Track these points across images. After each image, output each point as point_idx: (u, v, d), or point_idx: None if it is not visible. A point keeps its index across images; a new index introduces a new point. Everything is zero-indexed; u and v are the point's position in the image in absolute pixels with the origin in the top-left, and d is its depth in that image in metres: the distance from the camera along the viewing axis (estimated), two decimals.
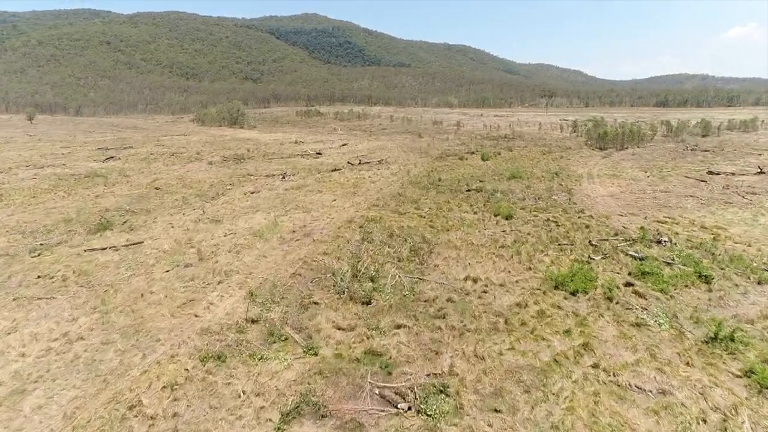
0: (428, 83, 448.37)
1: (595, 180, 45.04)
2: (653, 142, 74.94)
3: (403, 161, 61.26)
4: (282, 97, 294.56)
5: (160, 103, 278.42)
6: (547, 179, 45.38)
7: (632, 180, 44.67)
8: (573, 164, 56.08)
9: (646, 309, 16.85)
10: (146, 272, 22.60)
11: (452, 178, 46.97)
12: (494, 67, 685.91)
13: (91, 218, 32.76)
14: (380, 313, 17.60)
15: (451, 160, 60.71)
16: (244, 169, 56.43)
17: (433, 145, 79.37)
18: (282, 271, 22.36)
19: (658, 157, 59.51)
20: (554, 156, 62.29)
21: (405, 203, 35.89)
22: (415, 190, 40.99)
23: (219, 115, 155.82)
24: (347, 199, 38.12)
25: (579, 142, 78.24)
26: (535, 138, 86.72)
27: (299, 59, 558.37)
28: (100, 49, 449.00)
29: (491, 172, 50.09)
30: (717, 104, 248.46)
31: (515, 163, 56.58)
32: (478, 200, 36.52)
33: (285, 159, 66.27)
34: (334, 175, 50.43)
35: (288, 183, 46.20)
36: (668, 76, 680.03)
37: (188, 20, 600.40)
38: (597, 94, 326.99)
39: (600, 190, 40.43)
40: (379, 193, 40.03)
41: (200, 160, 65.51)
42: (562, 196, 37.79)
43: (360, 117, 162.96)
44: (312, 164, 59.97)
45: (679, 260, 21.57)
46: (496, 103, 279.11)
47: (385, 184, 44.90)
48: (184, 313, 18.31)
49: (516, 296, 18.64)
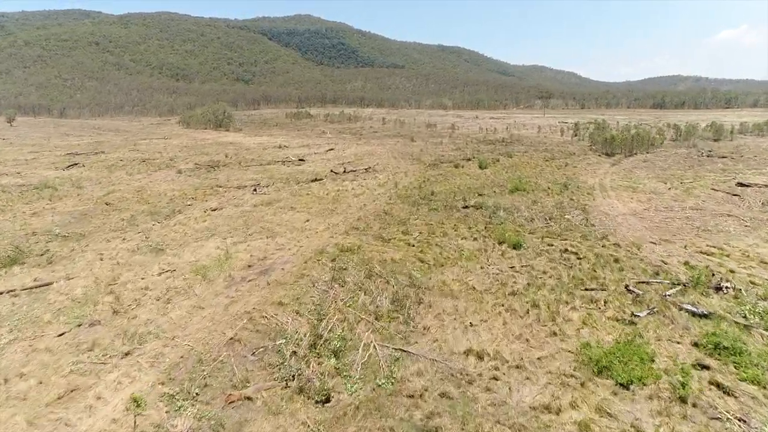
0: (422, 85, 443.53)
1: (610, 193, 39.39)
2: (663, 147, 69.52)
3: (393, 169, 55.46)
4: (272, 98, 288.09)
5: (148, 105, 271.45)
6: (555, 192, 39.67)
7: (653, 193, 39.03)
8: (581, 173, 50.50)
9: (744, 421, 11.03)
10: (32, 336, 16.58)
11: (447, 190, 41.18)
12: (488, 68, 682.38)
13: (6, 246, 26.66)
14: (341, 421, 11.71)
15: (445, 167, 54.98)
16: (215, 178, 50.40)
17: (426, 150, 73.65)
18: (218, 334, 16.43)
19: (673, 165, 54.04)
20: (558, 163, 56.70)
21: (391, 225, 30.00)
22: (403, 207, 35.13)
23: (204, 118, 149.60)
24: (323, 218, 32.18)
25: (583, 147, 72.78)
26: (535, 142, 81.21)
27: (291, 60, 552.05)
28: (88, 50, 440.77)
29: (490, 183, 44.36)
30: (714, 106, 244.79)
31: (517, 171, 50.92)
32: (477, 221, 30.68)
33: (264, 166, 60.29)
34: (313, 186, 44.48)
35: (259, 197, 40.19)
36: (662, 78, 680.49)
37: (179, 21, 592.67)
38: (593, 95, 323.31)
39: (619, 206, 34.76)
40: (362, 211, 34.14)
41: (171, 168, 59.39)
42: (577, 214, 32.06)
43: (351, 119, 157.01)
44: (292, 173, 54.04)
45: (755, 319, 15.85)
46: (490, 105, 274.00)
47: (369, 198, 39.01)
48: (52, 417, 12.32)
49: (540, 388, 12.80)
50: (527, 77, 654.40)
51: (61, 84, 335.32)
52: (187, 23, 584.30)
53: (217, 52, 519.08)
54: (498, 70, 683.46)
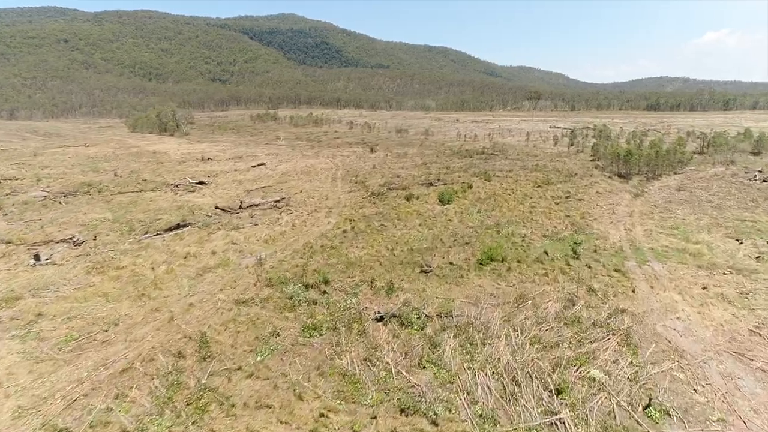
0: (406, 85, 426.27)
1: (658, 270, 21.99)
2: (692, 163, 52.28)
3: (315, 202, 37.76)
4: (243, 99, 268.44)
5: (108, 106, 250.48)
6: (558, 268, 22.16)
7: (732, 269, 21.69)
8: (592, 211, 33.22)
9: None
10: None
11: (369, 258, 23.57)
12: (475, 69, 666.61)
13: None
14: None
15: (391, 200, 37.38)
16: (39, 220, 32.26)
17: (383, 166, 56.07)
18: None
19: (724, 197, 36.94)
20: (556, 191, 39.37)
21: (206, 397, 12.28)
22: (263, 316, 17.42)
23: (149, 121, 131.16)
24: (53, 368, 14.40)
25: (584, 163, 55.58)
26: (523, 154, 63.83)
27: (272, 60, 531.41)
28: (55, 48, 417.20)
29: (449, 238, 26.86)
30: (712, 108, 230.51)
31: (495, 209, 33.48)
32: (394, 382, 13.10)
33: (143, 193, 42.35)
34: (151, 250, 26.48)
35: (15, 280, 22.25)
36: (650, 79, 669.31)
37: (157, 18, 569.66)
38: (583, 97, 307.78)
39: (692, 319, 17.37)
40: (157, 336, 16.35)
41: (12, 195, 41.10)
42: (616, 358, 14.56)
43: (317, 122, 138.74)
44: (162, 209, 36.11)
45: None
46: (476, 107, 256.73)
47: (221, 285, 21.21)
48: None
49: None
50: (515, 78, 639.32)
51: (20, 83, 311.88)
52: (165, 21, 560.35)
53: (195, 51, 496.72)
54: (485, 71, 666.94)
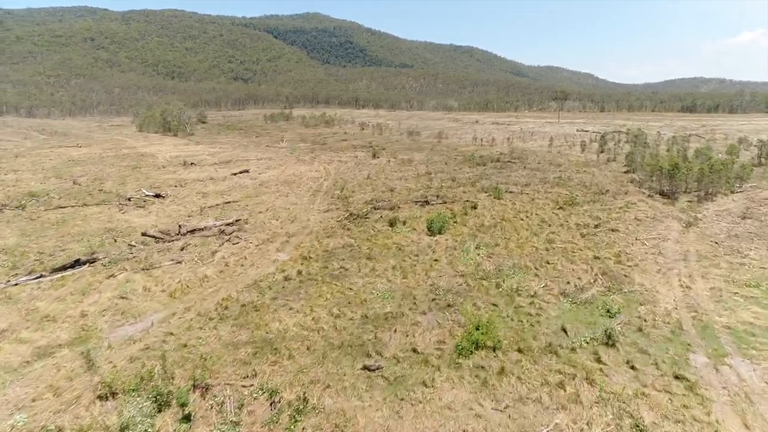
0: (429, 85, 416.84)
1: (756, 386, 13.70)
2: (751, 179, 42.88)
3: (278, 225, 30.30)
4: (260, 98, 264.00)
5: (125, 104, 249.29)
6: (581, 366, 14.06)
7: None
8: (630, 249, 24.86)
9: None
10: None
11: (297, 333, 15.90)
12: (501, 68, 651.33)
13: None
14: None
15: (370, 225, 29.61)
16: None
17: (380, 176, 48.42)
18: None
19: None
20: (582, 217, 31.02)
21: None
22: None
23: (154, 120, 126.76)
24: None
25: (616, 174, 46.74)
26: (545, 162, 55.19)
27: (296, 59, 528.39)
28: (81, 47, 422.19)
29: (425, 297, 19.00)
30: (754, 110, 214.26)
31: (498, 245, 25.42)
32: None
33: (77, 209, 35.63)
34: (0, 308, 19.38)
35: None
36: (684, 80, 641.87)
37: (183, 17, 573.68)
38: (613, 97, 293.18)
39: None
40: None
41: None
42: None
43: (328, 123, 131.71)
44: (82, 233, 29.21)
45: None
46: (500, 107, 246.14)
47: (35, 393, 13.87)
48: None
49: None
50: (542, 78, 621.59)
51: (43, 81, 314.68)
52: (191, 20, 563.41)
53: (218, 50, 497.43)
54: (511, 71, 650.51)
